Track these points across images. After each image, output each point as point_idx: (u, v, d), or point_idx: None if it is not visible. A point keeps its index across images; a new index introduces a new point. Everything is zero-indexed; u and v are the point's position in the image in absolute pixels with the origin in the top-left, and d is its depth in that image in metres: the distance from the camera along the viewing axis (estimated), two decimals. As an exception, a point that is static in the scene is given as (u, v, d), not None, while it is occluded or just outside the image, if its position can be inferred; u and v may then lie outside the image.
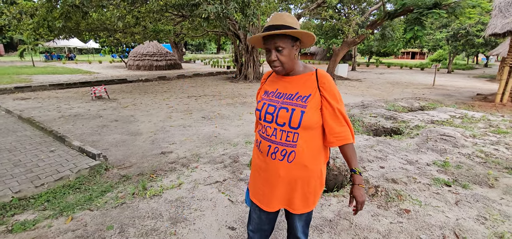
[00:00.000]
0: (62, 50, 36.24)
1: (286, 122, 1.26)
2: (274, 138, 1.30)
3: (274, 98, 1.34)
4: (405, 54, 53.42)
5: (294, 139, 1.26)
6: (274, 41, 1.23)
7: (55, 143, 4.52)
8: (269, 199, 1.41)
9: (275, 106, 1.31)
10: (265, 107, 1.34)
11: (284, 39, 1.23)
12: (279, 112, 1.28)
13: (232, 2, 7.26)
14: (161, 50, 20.65)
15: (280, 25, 1.21)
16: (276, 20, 1.24)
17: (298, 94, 1.29)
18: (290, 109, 1.26)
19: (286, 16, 1.24)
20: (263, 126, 1.35)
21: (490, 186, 3.02)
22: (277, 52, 1.25)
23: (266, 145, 1.33)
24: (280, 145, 1.29)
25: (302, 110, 1.24)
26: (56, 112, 6.83)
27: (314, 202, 1.39)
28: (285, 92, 1.33)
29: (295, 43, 1.26)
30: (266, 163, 1.35)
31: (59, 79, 13.03)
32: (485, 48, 21.36)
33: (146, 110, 7.18)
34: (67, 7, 6.72)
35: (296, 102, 1.27)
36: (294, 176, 1.32)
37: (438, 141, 4.41)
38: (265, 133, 1.34)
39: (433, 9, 11.27)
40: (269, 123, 1.32)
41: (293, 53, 1.28)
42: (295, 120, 1.24)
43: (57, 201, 2.82)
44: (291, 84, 1.33)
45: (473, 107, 7.64)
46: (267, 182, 1.39)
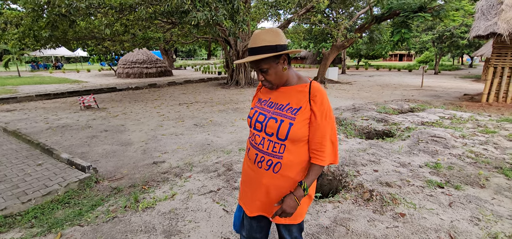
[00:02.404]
0: (49, 59, 35.51)
1: (274, 132, 1.26)
2: (262, 147, 1.31)
3: (266, 107, 1.34)
4: (393, 57, 54.49)
5: (280, 150, 1.26)
6: (257, 64, 1.22)
7: (42, 156, 4.38)
8: (251, 204, 1.42)
9: (266, 115, 1.31)
10: (256, 115, 1.35)
11: (266, 60, 1.21)
12: (269, 122, 1.28)
13: (222, 9, 7.26)
14: (151, 57, 20.46)
15: (259, 47, 1.19)
16: (255, 41, 1.21)
17: (289, 105, 1.28)
18: (279, 120, 1.25)
19: (264, 34, 1.20)
20: (253, 133, 1.37)
21: (481, 186, 3.07)
22: (263, 73, 1.25)
23: (254, 152, 1.35)
24: (266, 155, 1.29)
25: (290, 123, 1.23)
26: (43, 123, 6.65)
27: (301, 214, 1.37)
28: (276, 102, 1.32)
29: (279, 60, 1.24)
30: (253, 170, 1.37)
31: (46, 89, 12.73)
32: (469, 49, 22.02)
33: (136, 119, 7.07)
34: (54, 16, 6.59)
35: (285, 114, 1.26)
36: (279, 187, 1.31)
37: (429, 142, 4.47)
38: (254, 140, 1.35)
39: (418, 13, 11.58)
40: (258, 131, 1.33)
41: (280, 69, 1.25)
42: (283, 131, 1.23)
43: (45, 217, 2.72)
44: (283, 95, 1.32)
45: (461, 108, 7.81)
46: (252, 188, 1.40)
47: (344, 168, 3.53)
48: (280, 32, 1.22)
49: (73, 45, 12.37)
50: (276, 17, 14.79)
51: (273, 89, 1.33)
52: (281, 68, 1.26)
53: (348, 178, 3.29)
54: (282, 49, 1.20)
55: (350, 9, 19.29)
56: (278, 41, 1.20)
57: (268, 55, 1.17)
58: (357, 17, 15.98)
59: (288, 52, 1.22)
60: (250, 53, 1.23)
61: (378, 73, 24.10)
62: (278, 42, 1.20)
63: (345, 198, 2.88)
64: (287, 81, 1.32)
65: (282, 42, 1.21)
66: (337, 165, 3.63)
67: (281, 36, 1.22)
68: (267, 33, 1.20)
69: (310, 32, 18.96)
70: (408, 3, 11.72)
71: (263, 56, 1.17)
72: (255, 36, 1.21)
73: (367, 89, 12.66)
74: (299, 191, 1.26)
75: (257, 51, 1.19)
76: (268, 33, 1.20)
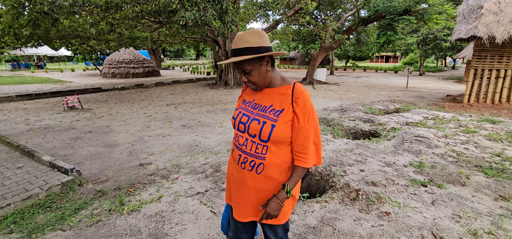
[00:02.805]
0: (31, 59, 34.35)
1: (256, 133, 1.26)
2: (245, 148, 1.31)
3: (250, 108, 1.34)
4: (379, 58, 55.65)
5: (263, 151, 1.26)
6: (240, 65, 1.22)
7: (22, 158, 4.22)
8: (239, 208, 1.41)
9: (249, 117, 1.31)
10: (240, 117, 1.35)
11: (249, 62, 1.21)
12: (251, 123, 1.28)
13: (210, 9, 7.22)
14: (138, 57, 20.12)
15: (242, 48, 1.18)
16: (238, 43, 1.20)
17: (272, 107, 1.28)
18: (262, 121, 1.25)
19: (248, 36, 1.19)
20: (237, 134, 1.37)
21: (462, 184, 3.17)
22: (246, 74, 1.25)
23: (238, 153, 1.35)
24: (249, 156, 1.30)
25: (272, 124, 1.23)
26: (24, 125, 6.42)
27: (285, 215, 1.37)
28: (260, 104, 1.32)
29: (262, 61, 1.24)
30: (238, 171, 1.37)
31: (28, 89, 12.31)
32: (452, 51, 22.76)
33: (122, 120, 6.93)
34: (36, 14, 6.37)
35: (268, 115, 1.26)
36: (262, 188, 1.31)
37: (413, 142, 4.59)
38: (238, 141, 1.35)
39: (403, 15, 11.88)
40: (241, 132, 1.33)
41: (263, 70, 1.25)
42: (265, 133, 1.23)
43: (25, 222, 2.62)
44: (267, 97, 1.32)
45: (444, 108, 8.05)
46: (238, 189, 1.40)
47: (331, 168, 3.57)
48: (263, 34, 1.22)
49: (56, 44, 12.02)
50: (265, 18, 14.84)
51: (257, 90, 1.33)
52: (265, 70, 1.26)
53: (335, 178, 3.33)
54: (265, 51, 1.20)
55: (337, 11, 19.57)
56: (261, 43, 1.19)
57: (250, 57, 1.17)
58: (344, 19, 16.24)
59: (271, 54, 1.22)
60: (233, 54, 1.22)
61: (365, 74, 24.55)
62: (261, 44, 1.19)
63: (332, 198, 2.91)
64: (271, 83, 1.32)
65: (266, 44, 1.21)
66: (324, 165, 3.66)
67: (264, 38, 1.21)
68: (250, 34, 1.19)
69: (298, 34, 19.10)
70: (394, 6, 12.02)
71: (246, 58, 1.17)
72: (238, 38, 1.20)
73: (355, 90, 12.87)
74: (282, 194, 1.27)
75: (240, 53, 1.19)
76: (251, 35, 1.19)
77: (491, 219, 2.50)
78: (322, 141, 4.76)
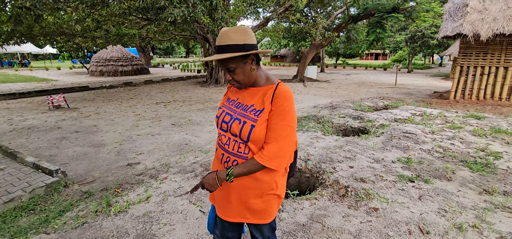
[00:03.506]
0: (14, 56, 33.29)
1: (237, 133, 1.24)
2: (227, 147, 1.29)
3: (233, 107, 1.32)
4: (369, 56, 56.35)
5: (245, 150, 1.25)
6: (224, 63, 1.19)
7: (4, 160, 4.08)
8: (224, 207, 1.39)
9: (231, 116, 1.29)
10: (223, 116, 1.33)
11: (234, 59, 1.18)
12: (233, 123, 1.26)
13: (200, 5, 7.13)
14: (127, 55, 19.77)
15: (226, 45, 1.16)
16: (222, 39, 1.17)
17: (253, 107, 1.26)
18: (242, 121, 1.23)
19: (232, 33, 1.16)
20: (219, 133, 1.35)
21: (448, 179, 3.24)
22: (230, 72, 1.22)
23: (221, 152, 1.33)
24: (231, 155, 1.28)
25: (252, 124, 1.21)
26: (7, 125, 6.22)
27: (271, 214, 1.36)
28: (243, 103, 1.30)
29: (247, 60, 1.21)
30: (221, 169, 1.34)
31: (11, 88, 11.93)
32: (439, 49, 23.24)
33: (110, 119, 6.79)
34: (17, 10, 6.15)
35: (248, 115, 1.24)
36: (245, 187, 1.30)
37: (401, 139, 4.66)
38: (221, 140, 1.34)
39: (392, 13, 12.04)
40: (224, 131, 1.31)
41: (248, 69, 1.23)
42: (245, 133, 1.22)
43: (7, 225, 2.53)
44: (250, 96, 1.29)
45: (431, 105, 8.21)
46: (221, 189, 1.37)
47: (321, 165, 3.58)
48: (248, 31, 1.19)
49: (41, 41, 11.67)
50: (255, 15, 14.79)
51: (241, 89, 1.31)
52: (249, 68, 1.23)
53: (325, 175, 3.34)
54: (250, 49, 1.17)
55: (328, 8, 19.69)
56: (246, 40, 1.16)
57: (234, 55, 1.14)
58: (334, 16, 16.34)
59: (256, 52, 1.19)
60: (217, 51, 1.19)
61: (355, 71, 24.82)
62: (246, 41, 1.16)
63: (322, 194, 2.92)
64: (255, 82, 1.29)
65: (251, 41, 1.18)
66: (314, 162, 3.68)
67: (249, 35, 1.18)
68: (235, 31, 1.16)
69: (289, 31, 19.14)
70: (383, 4, 12.17)
71: (230, 56, 1.14)
72: (222, 34, 1.17)
73: (345, 87, 12.99)
74: (222, 173, 1.25)
75: (224, 50, 1.16)
76: (236, 32, 1.16)
77: (476, 212, 2.56)
78: (312, 138, 4.78)
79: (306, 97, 10.01)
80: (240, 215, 1.36)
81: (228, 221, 1.40)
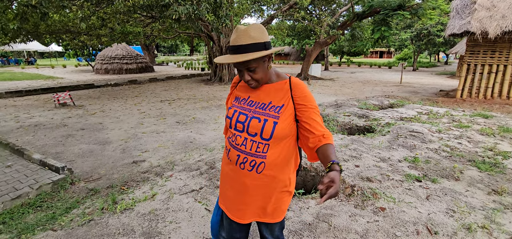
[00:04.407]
0: (21, 54, 33.62)
1: (257, 132, 1.21)
2: (244, 147, 1.25)
3: (246, 106, 1.28)
4: (374, 54, 55.92)
5: (264, 149, 1.22)
6: (245, 63, 1.16)
7: (12, 157, 4.13)
8: (239, 210, 1.36)
9: (247, 115, 1.25)
10: (236, 116, 1.28)
11: (256, 59, 1.15)
12: (251, 122, 1.22)
13: (204, 3, 7.11)
14: (131, 52, 19.85)
15: (248, 44, 1.12)
16: (242, 38, 1.12)
17: (271, 104, 1.23)
18: (263, 119, 1.20)
19: (252, 31, 1.12)
20: (233, 134, 1.29)
21: (456, 179, 3.19)
22: (251, 72, 1.19)
23: (235, 154, 1.28)
24: (249, 156, 1.24)
25: (274, 121, 1.19)
26: (14, 122, 6.28)
27: (283, 211, 1.35)
28: (257, 101, 1.27)
29: (266, 57, 1.20)
30: (235, 172, 1.31)
31: (17, 85, 12.05)
32: (445, 47, 22.95)
33: (115, 116, 6.82)
34: (23, 8, 6.19)
35: (268, 112, 1.21)
36: (262, 187, 1.27)
37: (407, 137, 4.61)
38: (235, 141, 1.28)
39: (397, 11, 11.91)
40: (240, 131, 1.26)
41: (266, 67, 1.21)
42: (267, 130, 1.19)
43: (15, 222, 2.55)
44: (264, 93, 1.27)
45: (437, 103, 8.12)
46: (236, 191, 1.33)
47: (326, 164, 3.55)
48: (264, 28, 1.17)
49: (47, 39, 11.76)
50: (259, 13, 14.72)
51: (258, 87, 1.28)
52: (267, 66, 1.22)
53: (331, 174, 3.31)
54: (269, 46, 1.17)
55: (332, 6, 19.53)
56: (266, 38, 1.15)
57: (260, 55, 1.11)
58: (339, 14, 16.22)
59: (276, 50, 1.19)
60: (236, 51, 1.15)
61: (359, 69, 24.64)
62: (266, 39, 1.15)
63: (328, 193, 2.90)
64: (269, 79, 1.28)
65: (268, 39, 1.17)
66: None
67: (266, 32, 1.17)
68: (254, 29, 1.13)
69: (293, 29, 19.05)
70: (388, 1, 12.03)
71: (256, 56, 1.10)
72: (242, 33, 1.12)
73: (349, 86, 12.90)
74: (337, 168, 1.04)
75: (246, 49, 1.12)
76: (255, 30, 1.13)
77: (485, 213, 2.52)
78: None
79: (310, 95, 9.95)
80: (255, 214, 1.34)
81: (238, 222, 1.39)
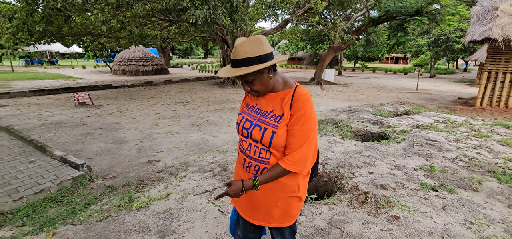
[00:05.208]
0: (44, 55, 35.07)
1: (258, 139, 1.26)
2: (249, 152, 1.31)
3: (253, 113, 1.33)
4: (389, 59, 54.87)
5: (267, 156, 1.26)
6: (242, 76, 1.18)
7: (35, 153, 4.32)
8: (249, 210, 1.41)
9: (251, 122, 1.30)
10: (243, 122, 1.34)
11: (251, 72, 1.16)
12: (254, 129, 1.27)
13: (220, 7, 7.24)
14: (148, 55, 20.32)
15: (242, 59, 1.15)
16: (237, 53, 1.16)
17: (272, 113, 1.26)
18: (263, 128, 1.25)
19: (246, 46, 1.14)
20: (241, 139, 1.38)
21: (474, 190, 3.10)
22: (249, 83, 1.23)
23: (243, 158, 1.36)
24: (253, 160, 1.30)
25: (273, 131, 1.22)
26: (37, 120, 6.57)
27: (293, 216, 1.37)
28: (262, 109, 1.31)
29: (264, 70, 1.20)
30: (244, 174, 1.38)
31: (40, 85, 12.57)
32: (464, 53, 22.26)
33: (132, 117, 7.01)
34: (49, 11, 6.50)
35: (268, 121, 1.25)
36: (269, 192, 1.31)
37: (423, 146, 4.51)
38: (242, 146, 1.36)
39: (415, 16, 11.67)
40: (245, 137, 1.33)
41: (265, 78, 1.23)
42: (266, 139, 1.23)
43: (37, 215, 2.68)
44: (268, 102, 1.30)
45: (455, 112, 7.89)
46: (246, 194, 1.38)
47: (339, 170, 3.54)
48: (262, 40, 1.17)
49: (68, 41, 12.23)
50: (274, 18, 14.79)
51: (260, 96, 1.32)
52: (267, 77, 1.23)
53: (344, 180, 3.30)
54: (266, 59, 1.16)
55: (347, 11, 19.36)
56: (261, 50, 1.15)
57: (251, 69, 1.13)
58: (354, 19, 16.06)
59: (272, 62, 1.18)
60: (233, 64, 1.19)
61: (374, 75, 24.26)
62: (262, 52, 1.15)
63: (340, 200, 2.89)
64: (273, 88, 1.30)
65: (266, 51, 1.16)
66: (332, 167, 3.63)
67: (264, 44, 1.17)
68: (248, 44, 1.15)
69: (307, 33, 18.98)
70: (405, 7, 11.82)
71: (247, 71, 1.13)
72: (237, 48, 1.16)
73: (363, 91, 12.73)
74: (249, 183, 1.27)
75: (240, 64, 1.16)
76: (249, 44, 1.15)
77: (505, 226, 2.44)
78: (330, 142, 4.73)
79: (323, 100, 9.90)
80: (263, 219, 1.38)
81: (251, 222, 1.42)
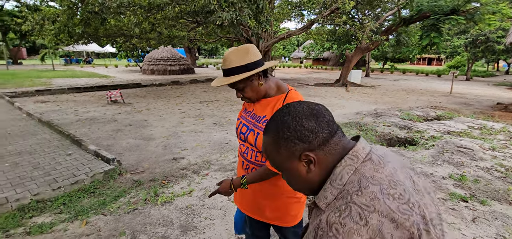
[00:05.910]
0: (81, 54, 37.53)
1: (253, 143, 1.30)
2: (246, 156, 1.36)
3: (249, 118, 1.38)
4: (421, 60, 52.19)
5: (262, 159, 1.30)
6: (233, 84, 1.22)
7: (72, 146, 4.67)
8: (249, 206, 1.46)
9: (248, 127, 1.35)
10: (240, 127, 1.39)
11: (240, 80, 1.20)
12: (249, 133, 1.32)
13: (247, 8, 7.34)
14: (175, 55, 21.04)
15: (229, 68, 1.19)
16: (225, 63, 1.21)
17: (265, 118, 1.29)
18: (256, 132, 1.29)
19: (232, 55, 1.18)
20: (239, 143, 1.44)
21: (510, 203, 2.90)
22: (240, 91, 1.27)
23: (241, 160, 1.41)
24: (251, 163, 1.35)
25: None
26: (74, 115, 7.07)
27: (294, 217, 1.39)
28: (257, 114, 1.35)
29: (253, 77, 1.23)
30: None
31: (77, 82, 13.48)
32: (506, 54, 20.59)
33: (159, 115, 7.32)
34: (87, 14, 6.97)
35: (261, 126, 1.28)
36: (265, 193, 1.35)
37: (454, 153, 4.27)
38: (240, 149, 1.42)
39: (450, 15, 11.03)
40: (243, 141, 1.39)
41: (255, 85, 1.25)
42: (259, 143, 1.27)
43: (73, 204, 2.91)
44: (263, 107, 1.33)
45: (493, 118, 7.37)
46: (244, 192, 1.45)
47: (362, 175, 3.46)
48: (250, 49, 1.21)
49: (103, 41, 13.01)
50: (299, 18, 14.69)
51: (253, 102, 1.36)
52: (257, 84, 1.26)
53: (366, 185, 3.22)
54: (254, 67, 1.19)
55: (376, 10, 18.73)
56: (247, 59, 1.19)
57: (238, 78, 1.17)
58: (384, 19, 15.50)
59: (260, 69, 1.20)
60: (224, 74, 1.25)
61: (404, 77, 23.22)
62: (248, 61, 1.19)
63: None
64: (266, 93, 1.32)
65: (252, 59, 1.19)
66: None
67: (250, 53, 1.20)
68: (235, 53, 1.19)
69: (333, 34, 18.64)
70: (440, 5, 11.20)
71: (234, 79, 1.17)
72: (225, 58, 1.21)
73: (391, 94, 12.25)
74: (237, 180, 1.34)
75: (229, 73, 1.21)
76: (235, 54, 1.19)
77: (543, 244, 2.26)
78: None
79: (348, 103, 9.67)
80: (260, 215, 1.43)
81: (255, 219, 1.47)
